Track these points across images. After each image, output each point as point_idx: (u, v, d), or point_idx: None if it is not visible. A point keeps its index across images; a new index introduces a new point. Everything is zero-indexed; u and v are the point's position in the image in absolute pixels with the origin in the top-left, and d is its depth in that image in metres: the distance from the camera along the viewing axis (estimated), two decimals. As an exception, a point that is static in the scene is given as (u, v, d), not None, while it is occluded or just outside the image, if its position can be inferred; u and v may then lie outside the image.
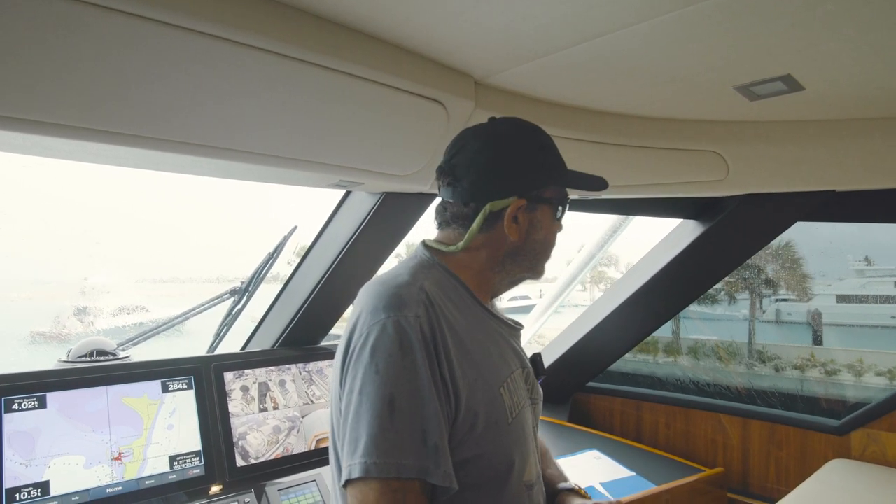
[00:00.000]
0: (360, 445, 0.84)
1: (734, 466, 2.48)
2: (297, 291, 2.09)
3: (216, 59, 1.08)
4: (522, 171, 1.06)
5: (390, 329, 0.89)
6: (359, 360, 0.90)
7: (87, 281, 2.62)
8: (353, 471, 0.84)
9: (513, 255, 1.08)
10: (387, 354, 0.88)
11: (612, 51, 1.30)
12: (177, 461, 1.66)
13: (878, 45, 1.24)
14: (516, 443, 1.00)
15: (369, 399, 0.86)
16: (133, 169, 1.39)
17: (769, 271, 3.42)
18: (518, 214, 1.05)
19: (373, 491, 0.83)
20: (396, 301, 0.92)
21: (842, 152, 1.80)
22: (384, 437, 0.84)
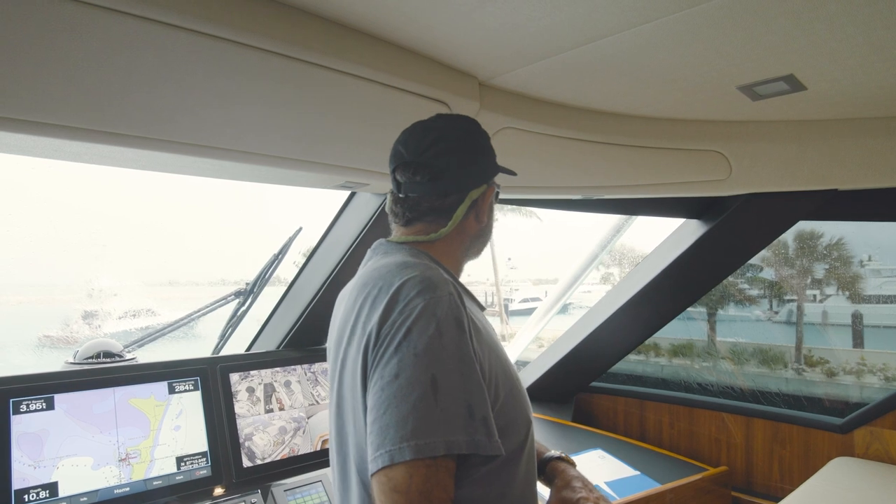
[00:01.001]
0: (406, 428, 0.82)
1: (738, 465, 2.49)
2: (302, 292, 2.10)
3: (222, 61, 1.09)
4: (487, 160, 1.15)
5: (429, 311, 0.89)
6: (394, 347, 0.88)
7: (94, 284, 2.62)
8: (398, 454, 0.81)
9: (477, 238, 1.16)
10: (425, 335, 0.87)
11: (616, 52, 1.31)
12: (184, 462, 1.67)
13: (880, 45, 1.25)
14: (527, 405, 1.06)
15: (410, 382, 0.85)
16: (139, 172, 1.40)
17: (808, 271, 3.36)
18: (489, 201, 1.15)
19: (406, 471, 0.81)
20: (428, 283, 0.92)
21: (844, 152, 1.81)
22: (431, 416, 0.83)
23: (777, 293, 3.47)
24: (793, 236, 3.24)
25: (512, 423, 0.98)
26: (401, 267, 0.97)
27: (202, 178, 1.52)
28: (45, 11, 0.87)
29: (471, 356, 0.90)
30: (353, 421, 0.96)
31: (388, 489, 0.82)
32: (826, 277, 3.30)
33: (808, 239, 3.28)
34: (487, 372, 0.94)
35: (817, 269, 3.37)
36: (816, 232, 3.20)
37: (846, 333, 3.32)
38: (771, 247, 3.11)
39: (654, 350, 3.74)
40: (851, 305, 3.32)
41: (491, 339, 1.02)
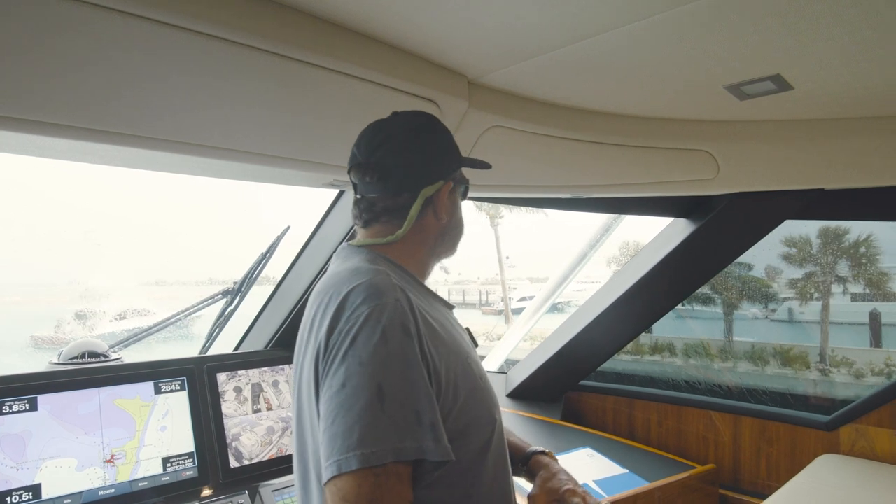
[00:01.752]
0: (352, 438, 0.82)
1: (725, 463, 2.50)
2: (290, 292, 2.09)
3: (209, 58, 1.08)
4: (443, 156, 1.13)
5: (373, 318, 0.89)
6: (341, 356, 0.88)
7: (87, 284, 2.60)
8: (346, 464, 0.82)
9: (442, 236, 1.15)
10: (371, 344, 0.87)
11: (604, 51, 1.31)
12: (170, 463, 1.65)
13: (865, 46, 1.26)
14: (491, 404, 1.05)
15: (356, 392, 0.85)
16: (136, 171, 1.38)
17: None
18: (446, 197, 1.12)
19: (353, 479, 0.81)
20: (375, 291, 0.92)
21: (830, 151, 1.83)
22: (378, 425, 0.83)
23: (802, 292, 3.40)
24: (816, 233, 3.16)
25: (474, 423, 0.98)
26: (352, 273, 0.98)
27: (195, 176, 1.51)
28: (28, 8, 0.86)
29: (418, 362, 0.89)
30: (310, 428, 0.97)
31: (338, 499, 0.82)
32: (855, 275, 3.22)
33: (833, 236, 3.21)
34: (444, 374, 0.94)
35: (841, 267, 3.31)
36: (843, 228, 3.13)
37: (864, 332, 3.28)
38: (795, 244, 3.09)
39: (669, 350, 3.73)
40: (872, 304, 3.27)
41: (451, 340, 1.02)
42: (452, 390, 0.95)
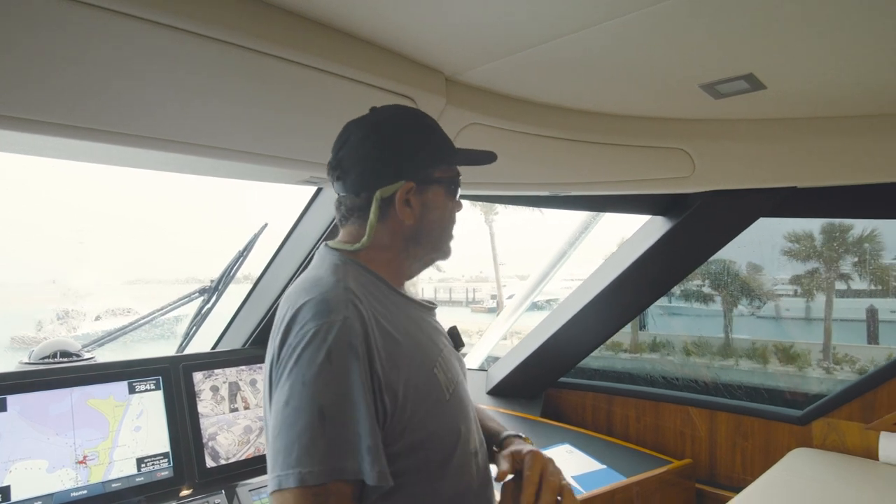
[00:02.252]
0: (292, 456, 0.83)
1: (702, 457, 2.54)
2: (268, 289, 2.07)
3: (185, 55, 1.06)
4: (407, 154, 1.06)
5: (319, 337, 0.88)
6: (287, 372, 0.89)
7: (70, 283, 2.54)
8: (285, 480, 0.83)
9: (414, 238, 1.09)
10: (315, 365, 0.87)
11: (581, 48, 1.32)
12: (144, 463, 1.63)
13: (835, 47, 1.28)
14: (459, 415, 1.03)
15: (297, 411, 0.85)
16: (118, 168, 1.36)
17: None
18: (409, 198, 1.06)
19: (294, 497, 0.82)
20: (324, 307, 0.91)
21: (803, 150, 1.86)
22: (317, 445, 0.83)
23: (807, 288, 3.35)
24: (819, 229, 3.15)
25: (435, 436, 0.97)
26: (312, 284, 0.97)
27: (180, 174, 1.49)
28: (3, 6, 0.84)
29: (362, 383, 0.88)
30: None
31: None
32: (861, 271, 3.16)
33: (836, 231, 3.15)
34: (400, 389, 0.93)
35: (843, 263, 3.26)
36: (846, 224, 3.09)
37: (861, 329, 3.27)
38: (798, 239, 3.10)
39: (666, 348, 3.73)
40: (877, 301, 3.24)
41: (416, 350, 1.00)
42: (411, 405, 0.94)
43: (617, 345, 3.90)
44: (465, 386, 1.12)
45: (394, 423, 0.92)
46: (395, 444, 0.92)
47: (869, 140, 1.79)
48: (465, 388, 1.11)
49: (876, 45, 1.27)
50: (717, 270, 3.42)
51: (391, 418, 0.92)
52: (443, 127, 1.58)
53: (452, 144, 1.14)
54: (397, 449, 0.92)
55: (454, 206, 1.15)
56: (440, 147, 1.11)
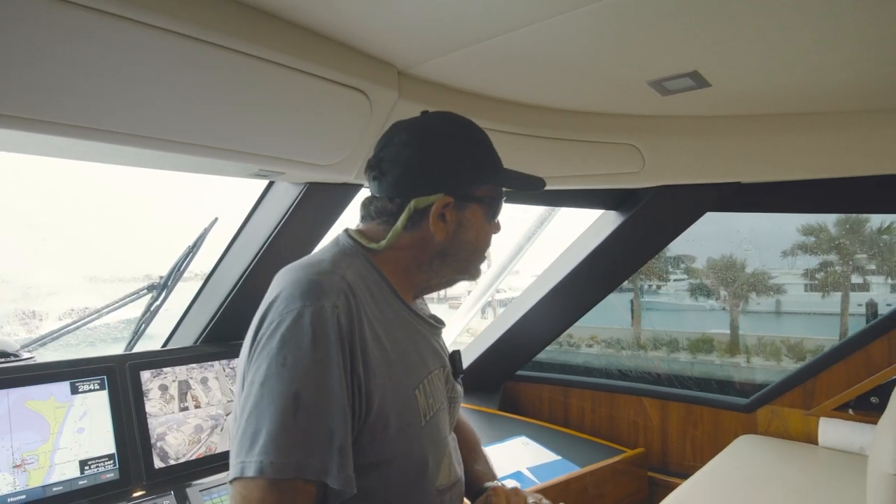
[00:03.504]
0: (258, 442, 0.79)
1: (654, 446, 2.61)
2: (220, 285, 2.02)
3: (128, 43, 1.02)
4: (450, 167, 1.01)
5: (305, 319, 0.84)
6: (265, 350, 0.84)
7: (30, 281, 2.41)
8: (247, 468, 0.78)
9: (441, 255, 1.04)
10: (297, 347, 0.83)
11: (531, 43, 1.33)
12: (88, 466, 1.58)
13: (774, 45, 1.32)
14: (430, 445, 0.97)
15: (272, 394, 0.81)
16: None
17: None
18: (445, 212, 1.01)
19: (260, 489, 0.78)
20: (315, 288, 0.87)
21: (746, 146, 1.92)
22: (286, 435, 0.79)
23: (828, 283, 3.27)
24: (833, 221, 3.04)
25: (399, 460, 0.92)
26: (309, 263, 0.95)
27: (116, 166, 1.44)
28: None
29: (342, 377, 0.84)
30: None
31: (237, 500, 0.80)
32: (879, 265, 3.01)
33: (852, 223, 3.03)
34: (376, 399, 0.88)
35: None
36: (863, 216, 2.94)
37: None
38: (814, 232, 3.09)
39: (672, 346, 3.73)
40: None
41: (403, 365, 0.95)
42: (383, 420, 0.89)
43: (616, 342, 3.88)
44: (446, 416, 1.05)
45: (363, 433, 0.88)
46: (358, 458, 0.87)
47: (808, 137, 1.86)
48: (444, 418, 1.04)
49: (813, 46, 1.32)
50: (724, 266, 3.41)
51: (363, 426, 0.88)
52: (395, 121, 1.58)
53: (500, 163, 1.09)
54: (359, 463, 0.87)
55: (491, 229, 1.09)
56: (486, 164, 1.06)
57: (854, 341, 2.20)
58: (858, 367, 2.18)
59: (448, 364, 1.11)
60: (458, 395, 1.14)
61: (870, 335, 2.16)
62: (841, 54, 1.36)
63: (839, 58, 1.38)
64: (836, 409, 2.21)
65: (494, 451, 2.27)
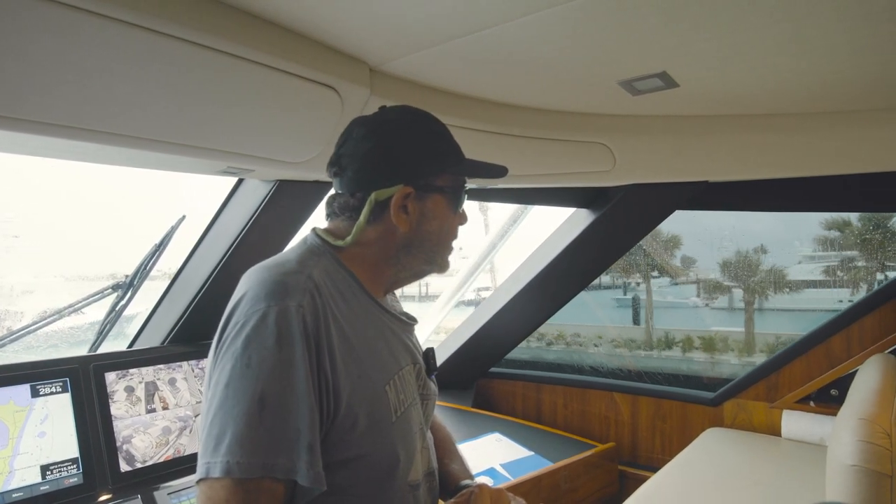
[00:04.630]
0: (223, 443, 0.78)
1: (625, 440, 2.65)
2: (188, 284, 1.99)
3: (92, 37, 0.99)
4: (409, 158, 1.02)
5: (270, 319, 0.84)
6: (230, 351, 0.83)
7: (4, 280, 2.31)
8: (213, 469, 0.78)
9: (406, 247, 1.04)
10: (261, 347, 0.82)
11: (502, 42, 1.33)
12: (50, 471, 1.53)
13: (739, 47, 1.35)
14: (401, 441, 0.97)
15: (236, 394, 0.80)
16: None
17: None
18: (407, 204, 1.01)
19: (225, 490, 0.78)
20: (281, 288, 0.87)
21: (713, 146, 1.96)
22: (252, 435, 0.79)
23: (856, 277, 3.21)
24: (857, 216, 3.01)
25: (370, 457, 0.92)
26: (275, 263, 0.94)
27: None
28: None
29: (308, 375, 0.84)
30: None
31: (202, 500, 0.80)
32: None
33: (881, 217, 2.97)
34: (345, 396, 0.88)
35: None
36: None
37: None
38: (841, 227, 3.09)
39: (688, 344, 3.71)
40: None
41: (373, 362, 0.95)
42: (352, 417, 0.89)
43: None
44: (418, 411, 1.05)
45: (332, 431, 0.88)
46: (327, 456, 0.87)
47: (774, 137, 1.91)
48: (416, 414, 1.04)
49: (778, 49, 1.35)
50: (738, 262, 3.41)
51: (331, 424, 0.87)
52: (367, 118, 1.57)
53: (461, 153, 1.08)
54: (328, 461, 0.87)
55: (457, 219, 1.09)
56: (446, 154, 1.05)
57: (815, 336, 2.26)
58: (820, 360, 2.25)
59: (420, 361, 1.12)
60: (431, 391, 1.14)
61: (830, 330, 2.23)
62: (806, 58, 1.40)
63: (804, 61, 1.42)
64: (798, 401, 2.28)
65: (468, 448, 2.28)
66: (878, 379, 1.71)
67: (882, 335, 2.14)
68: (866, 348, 2.16)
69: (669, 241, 3.74)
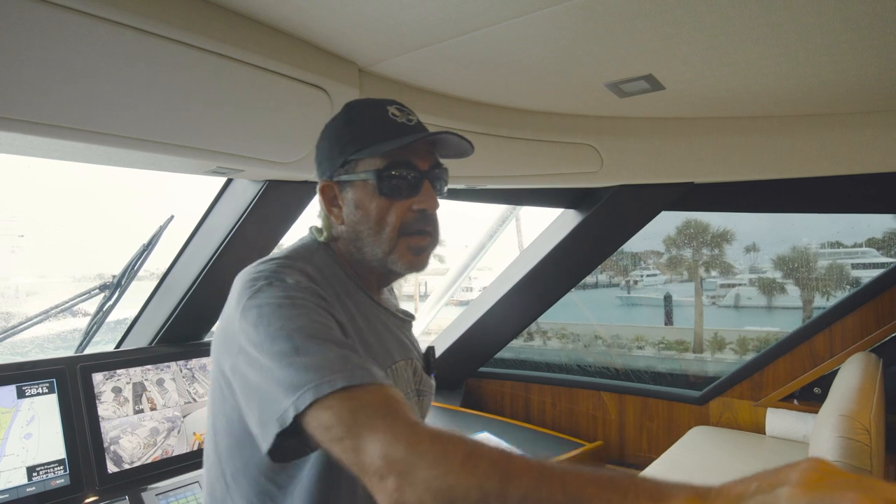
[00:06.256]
0: (305, 375, 0.75)
1: (612, 439, 2.67)
2: (176, 285, 1.98)
3: (81, 36, 0.99)
4: (323, 152, 1.02)
5: (276, 284, 0.86)
6: (244, 325, 0.83)
7: (10, 281, 2.27)
8: (327, 386, 0.73)
9: (352, 241, 1.00)
10: (274, 307, 0.83)
11: (491, 44, 1.34)
12: (36, 472, 1.53)
13: (722, 51, 1.37)
14: None
15: (275, 347, 0.78)
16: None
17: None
18: (338, 198, 1.00)
19: (338, 400, 0.73)
20: (274, 268, 0.90)
21: (699, 148, 1.99)
22: (302, 363, 0.76)
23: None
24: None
25: None
26: (264, 259, 0.96)
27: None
28: None
29: (328, 310, 0.87)
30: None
31: (339, 411, 0.73)
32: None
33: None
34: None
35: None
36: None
37: None
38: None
39: (717, 345, 3.63)
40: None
41: (370, 354, 0.97)
42: None
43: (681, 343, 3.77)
44: (413, 406, 1.05)
45: None
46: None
47: (757, 140, 1.94)
48: (411, 407, 1.05)
49: (760, 52, 1.37)
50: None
51: None
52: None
53: (384, 135, 0.97)
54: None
55: (395, 205, 0.97)
56: (359, 139, 0.97)
57: (798, 335, 2.30)
58: (803, 359, 2.29)
59: (416, 356, 1.12)
60: (428, 388, 1.15)
61: (813, 329, 2.27)
62: (788, 62, 1.42)
63: (786, 65, 1.44)
64: (782, 399, 2.31)
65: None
66: (858, 377, 1.75)
67: (863, 334, 2.18)
68: (848, 347, 2.19)
69: (720, 236, 3.60)
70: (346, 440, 0.70)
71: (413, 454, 0.65)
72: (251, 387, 0.81)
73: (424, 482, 0.63)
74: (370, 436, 0.68)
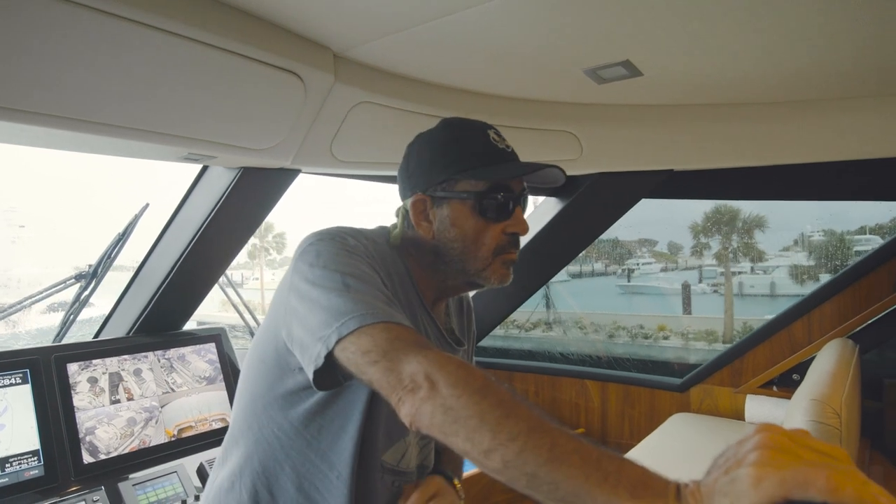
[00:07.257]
0: (353, 305, 0.83)
1: (594, 426, 2.69)
2: (153, 274, 1.96)
3: (48, 19, 0.97)
4: (419, 167, 1.05)
5: (333, 241, 0.93)
6: (300, 265, 0.91)
7: (11, 273, 2.23)
8: (349, 325, 0.81)
9: (435, 253, 1.04)
10: (332, 253, 0.91)
11: (466, 28, 1.33)
12: (10, 463, 1.51)
13: (698, 36, 1.37)
14: (388, 419, 0.99)
15: (326, 283, 0.87)
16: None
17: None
18: (429, 212, 1.04)
19: (378, 330, 0.80)
20: (339, 232, 0.97)
21: (677, 135, 1.99)
22: (350, 296, 0.84)
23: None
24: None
25: (350, 417, 0.98)
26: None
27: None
28: None
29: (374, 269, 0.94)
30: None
31: (370, 342, 0.81)
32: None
33: None
34: None
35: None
36: None
37: None
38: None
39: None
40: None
41: None
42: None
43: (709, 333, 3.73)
44: None
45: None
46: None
47: (735, 127, 1.94)
48: None
49: (738, 37, 1.37)
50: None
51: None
52: (332, 105, 1.56)
53: (489, 158, 1.02)
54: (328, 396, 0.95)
55: (492, 227, 1.02)
56: (463, 159, 1.01)
57: (777, 322, 2.32)
58: (782, 346, 2.31)
59: None
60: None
61: (792, 316, 2.29)
62: (766, 47, 1.42)
63: (764, 50, 1.44)
64: (761, 386, 2.34)
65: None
66: (833, 362, 1.76)
67: (841, 320, 2.20)
68: (826, 333, 2.22)
69: (752, 222, 3.58)
70: (382, 362, 0.77)
71: (442, 372, 0.73)
72: (299, 316, 0.88)
73: (442, 398, 0.71)
74: (405, 358, 0.76)
